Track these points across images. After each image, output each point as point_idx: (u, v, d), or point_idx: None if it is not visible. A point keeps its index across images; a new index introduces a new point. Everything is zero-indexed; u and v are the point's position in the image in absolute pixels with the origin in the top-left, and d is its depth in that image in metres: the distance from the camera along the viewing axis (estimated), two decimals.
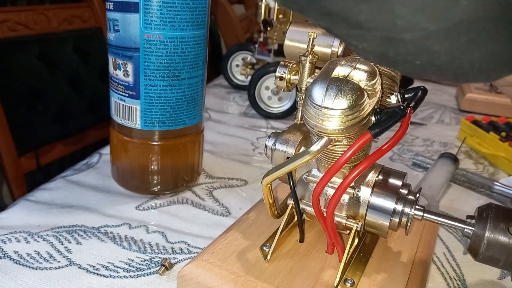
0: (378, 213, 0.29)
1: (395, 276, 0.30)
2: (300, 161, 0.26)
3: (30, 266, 0.33)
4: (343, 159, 0.25)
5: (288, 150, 0.32)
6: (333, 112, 0.23)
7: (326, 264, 0.31)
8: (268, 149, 0.33)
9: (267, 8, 0.76)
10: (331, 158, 0.28)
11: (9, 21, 0.84)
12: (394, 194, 0.29)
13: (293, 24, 0.31)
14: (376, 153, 0.25)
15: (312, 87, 0.24)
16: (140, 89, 0.39)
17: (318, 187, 0.27)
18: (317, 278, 0.29)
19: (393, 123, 0.24)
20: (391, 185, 0.29)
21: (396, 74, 0.28)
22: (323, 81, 0.24)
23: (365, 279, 0.30)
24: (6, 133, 0.81)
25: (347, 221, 0.30)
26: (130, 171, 0.43)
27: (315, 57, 0.29)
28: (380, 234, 0.30)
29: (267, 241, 0.32)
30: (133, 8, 0.36)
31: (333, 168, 0.25)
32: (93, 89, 1.01)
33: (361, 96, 0.23)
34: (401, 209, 0.29)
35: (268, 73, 0.69)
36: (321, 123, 0.24)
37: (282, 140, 0.32)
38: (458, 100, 0.93)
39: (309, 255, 0.32)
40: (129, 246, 0.36)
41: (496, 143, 0.60)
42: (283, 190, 0.41)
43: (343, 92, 0.23)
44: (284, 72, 0.30)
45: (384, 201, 0.29)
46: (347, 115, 0.23)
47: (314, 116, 0.24)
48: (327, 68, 0.25)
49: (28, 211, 0.40)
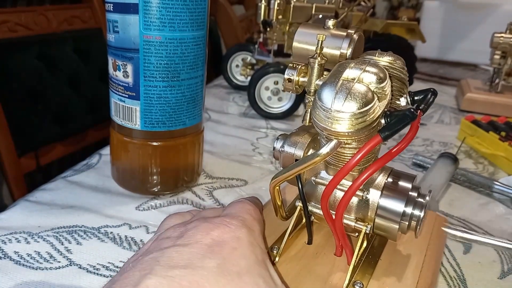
0: (388, 216, 0.29)
1: (404, 279, 0.30)
2: (309, 163, 0.26)
3: (30, 266, 0.33)
4: (352, 162, 0.25)
5: (297, 152, 0.31)
6: (342, 115, 0.23)
7: (335, 267, 0.31)
8: (276, 151, 0.33)
9: (266, 9, 0.76)
10: (340, 160, 0.28)
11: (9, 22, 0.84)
12: (404, 196, 0.29)
13: (302, 26, 0.31)
14: (386, 156, 0.25)
15: (322, 89, 0.24)
16: (140, 90, 0.39)
17: (327, 190, 0.27)
18: (325, 281, 0.29)
19: (403, 126, 0.24)
20: (401, 187, 0.29)
21: (405, 77, 0.28)
22: (332, 84, 0.24)
23: (374, 282, 0.29)
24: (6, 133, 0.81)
25: (356, 224, 0.30)
26: (130, 172, 0.43)
27: (324, 59, 0.29)
28: (389, 236, 0.30)
29: (275, 243, 0.32)
30: (132, 9, 0.37)
31: (343, 171, 0.25)
32: (93, 89, 1.01)
33: (370, 99, 0.23)
34: (411, 212, 0.29)
35: (267, 74, 0.69)
36: (330, 125, 0.24)
37: (290, 142, 0.32)
38: (457, 100, 0.93)
39: (317, 257, 0.32)
40: (129, 246, 0.36)
41: (495, 142, 0.60)
42: (291, 191, 0.41)
43: (352, 95, 0.23)
44: (292, 74, 0.30)
45: (393, 203, 0.29)
46: (357, 118, 0.23)
47: (323, 119, 0.24)
48: (336, 70, 0.25)
49: (28, 212, 0.40)
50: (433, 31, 1.45)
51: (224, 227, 0.25)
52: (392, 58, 0.28)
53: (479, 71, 1.36)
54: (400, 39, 0.83)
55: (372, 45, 0.79)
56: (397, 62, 0.28)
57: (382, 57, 0.28)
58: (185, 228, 0.25)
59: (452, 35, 1.45)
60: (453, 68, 1.37)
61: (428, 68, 1.33)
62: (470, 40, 1.42)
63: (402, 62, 0.28)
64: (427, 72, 1.25)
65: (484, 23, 1.39)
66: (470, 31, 1.43)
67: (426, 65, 1.38)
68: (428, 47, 1.38)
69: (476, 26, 1.41)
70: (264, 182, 0.49)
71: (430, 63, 1.43)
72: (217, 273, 0.22)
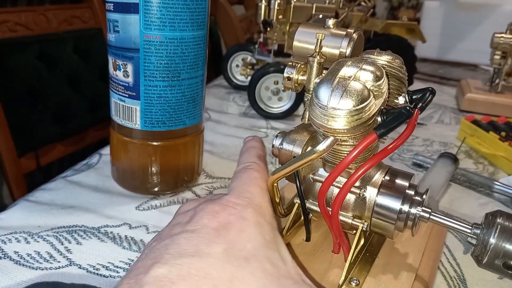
0: (384, 214, 0.29)
1: (401, 277, 0.30)
2: (306, 160, 0.26)
3: (30, 266, 0.33)
4: (348, 158, 0.25)
5: (295, 149, 0.32)
6: (338, 112, 0.23)
7: (332, 263, 0.31)
8: (275, 149, 0.33)
9: (267, 9, 0.76)
10: (337, 158, 0.28)
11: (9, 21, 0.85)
12: (401, 194, 0.29)
13: (302, 25, 0.31)
14: (381, 152, 0.25)
15: (318, 87, 0.24)
16: (140, 89, 0.39)
17: (323, 186, 0.27)
18: (322, 277, 0.29)
19: (398, 123, 0.24)
20: (398, 185, 0.29)
21: (404, 76, 0.28)
22: (329, 81, 0.24)
23: (371, 279, 0.30)
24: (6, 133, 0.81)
25: (353, 221, 0.30)
26: (130, 172, 0.43)
27: (323, 58, 0.29)
28: (386, 234, 0.30)
29: None
30: (133, 9, 0.37)
31: (339, 168, 0.25)
32: (93, 89, 1.01)
33: (366, 97, 0.23)
34: (407, 210, 0.29)
35: (268, 73, 0.69)
36: (326, 123, 0.24)
37: (289, 139, 0.32)
38: (458, 100, 0.93)
39: (315, 254, 0.32)
40: (129, 246, 0.36)
41: (496, 142, 0.60)
42: (290, 190, 0.41)
43: (348, 92, 0.23)
44: (292, 73, 0.30)
45: (390, 201, 0.29)
46: (353, 115, 0.23)
47: (320, 116, 0.24)
48: (333, 68, 0.25)
49: (28, 212, 0.40)
50: (433, 31, 1.45)
51: (230, 208, 0.25)
52: (390, 57, 0.28)
53: (479, 71, 1.36)
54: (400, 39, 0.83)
55: (372, 45, 0.79)
56: (396, 61, 0.28)
57: (381, 56, 0.28)
58: (194, 212, 0.26)
59: (452, 35, 1.45)
60: (453, 68, 1.37)
61: (428, 68, 1.33)
62: (470, 40, 1.42)
63: (401, 61, 0.28)
64: (427, 72, 1.25)
65: (484, 23, 1.39)
66: (470, 31, 1.43)
67: (426, 65, 1.38)
68: (428, 47, 1.38)
69: (476, 26, 1.41)
70: None
71: (430, 63, 1.43)
72: (224, 259, 0.23)
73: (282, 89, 0.70)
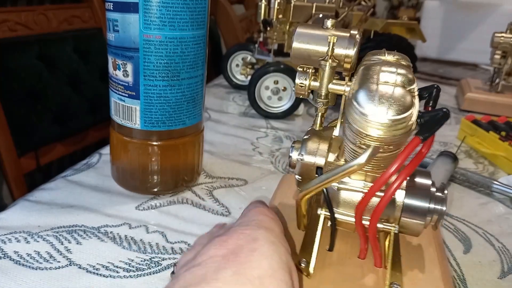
0: (414, 214, 0.29)
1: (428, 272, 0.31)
2: (344, 172, 0.25)
3: (30, 266, 0.33)
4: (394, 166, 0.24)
5: (318, 161, 0.30)
6: (386, 121, 0.23)
7: (364, 270, 0.31)
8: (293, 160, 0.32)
9: (267, 8, 0.76)
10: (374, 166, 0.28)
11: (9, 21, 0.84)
12: (427, 193, 0.29)
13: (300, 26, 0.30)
14: (418, 156, 0.25)
15: (361, 96, 0.23)
16: (140, 89, 0.39)
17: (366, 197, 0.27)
18: (362, 286, 0.29)
19: (439, 126, 0.24)
20: (421, 185, 0.30)
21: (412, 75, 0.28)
22: (371, 90, 0.23)
23: (407, 280, 0.30)
24: (6, 133, 0.81)
25: (384, 225, 0.30)
26: (130, 171, 0.43)
27: (335, 62, 0.29)
28: (411, 233, 0.30)
29: (301, 255, 0.31)
30: (132, 8, 0.36)
31: (382, 178, 0.25)
32: (93, 89, 1.01)
33: (410, 103, 0.23)
34: (433, 207, 0.29)
35: (268, 73, 0.69)
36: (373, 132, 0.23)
37: (308, 151, 0.31)
38: (458, 100, 0.93)
39: (343, 263, 0.31)
40: (129, 246, 0.36)
41: (496, 142, 0.60)
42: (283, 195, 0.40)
43: (395, 101, 0.23)
44: (305, 79, 0.29)
45: (418, 201, 0.29)
46: (401, 123, 0.23)
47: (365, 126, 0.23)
48: (367, 74, 0.24)
49: (28, 211, 0.40)
50: (433, 30, 1.45)
51: (239, 234, 0.24)
52: (398, 57, 0.28)
53: (479, 70, 1.35)
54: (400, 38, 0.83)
55: (372, 44, 0.79)
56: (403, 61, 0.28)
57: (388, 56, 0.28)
58: (200, 248, 0.25)
59: (452, 34, 1.45)
60: (453, 68, 1.37)
61: (428, 68, 1.33)
62: (470, 40, 1.42)
63: (408, 61, 0.28)
64: (427, 72, 1.25)
65: (484, 23, 1.39)
66: (470, 31, 1.42)
67: (426, 65, 1.38)
68: (428, 47, 1.38)
69: (476, 26, 1.41)
70: (264, 182, 0.49)
71: (430, 63, 1.43)
72: (234, 281, 0.21)
73: (282, 89, 0.70)
